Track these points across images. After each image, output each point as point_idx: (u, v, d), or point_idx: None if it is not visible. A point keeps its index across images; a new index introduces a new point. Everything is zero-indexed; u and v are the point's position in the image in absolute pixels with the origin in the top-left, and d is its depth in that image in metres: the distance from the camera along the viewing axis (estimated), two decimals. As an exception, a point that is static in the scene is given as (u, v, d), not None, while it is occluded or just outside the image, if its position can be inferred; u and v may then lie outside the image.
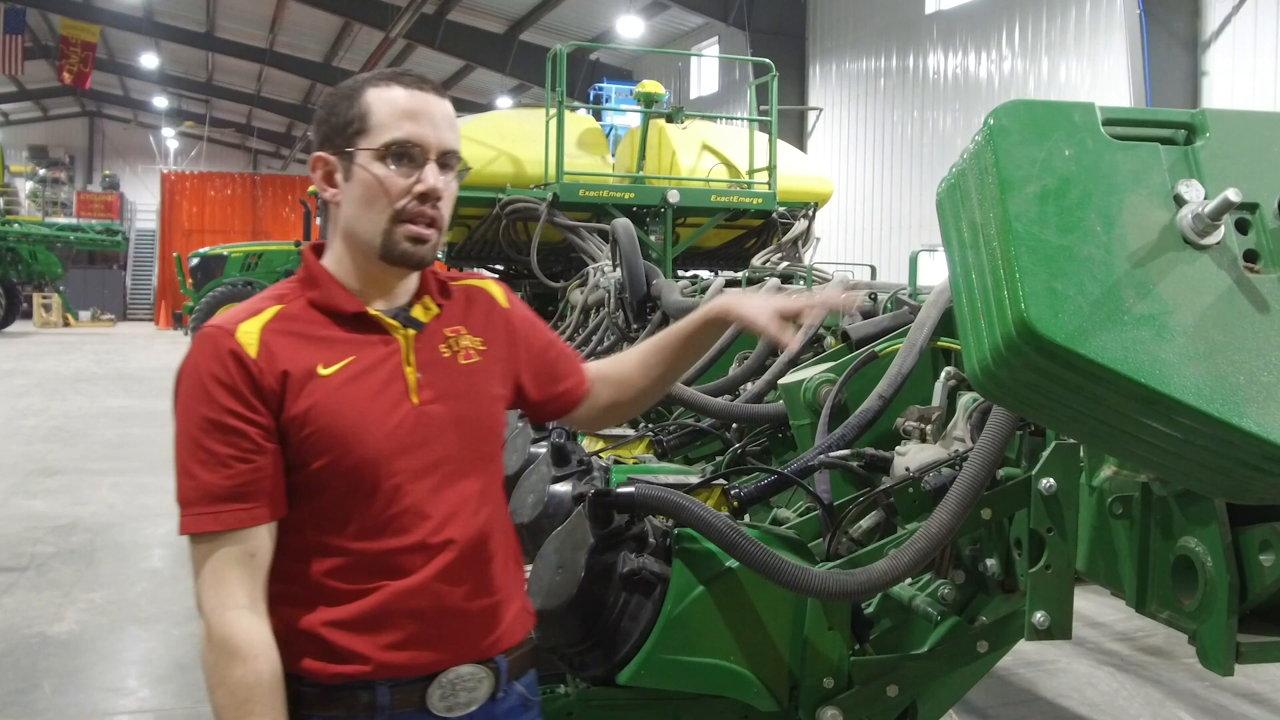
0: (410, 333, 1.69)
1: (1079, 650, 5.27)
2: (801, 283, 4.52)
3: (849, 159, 18.57)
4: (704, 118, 10.02)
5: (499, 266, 9.36)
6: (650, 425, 4.02)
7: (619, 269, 5.55)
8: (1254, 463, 1.27)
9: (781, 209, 8.30)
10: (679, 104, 9.27)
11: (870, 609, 2.22)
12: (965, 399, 2.36)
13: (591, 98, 18.18)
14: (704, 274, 8.08)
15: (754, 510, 2.70)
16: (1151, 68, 11.55)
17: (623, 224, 5.73)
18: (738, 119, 11.48)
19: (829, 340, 3.51)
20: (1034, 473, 1.86)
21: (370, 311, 1.67)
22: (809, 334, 3.31)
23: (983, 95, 15.31)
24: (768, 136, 8.36)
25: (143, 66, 34.06)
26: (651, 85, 8.51)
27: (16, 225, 29.32)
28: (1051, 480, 1.84)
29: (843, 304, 2.05)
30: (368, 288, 1.69)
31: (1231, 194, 1.27)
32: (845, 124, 18.85)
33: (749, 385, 3.61)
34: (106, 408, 13.35)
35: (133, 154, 43.15)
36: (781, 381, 3.00)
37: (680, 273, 8.08)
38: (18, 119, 42.43)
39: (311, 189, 17.21)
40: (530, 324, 1.90)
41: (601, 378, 1.99)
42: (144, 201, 39.81)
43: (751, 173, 8.41)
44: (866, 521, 2.29)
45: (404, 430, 1.63)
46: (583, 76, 22.26)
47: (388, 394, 1.64)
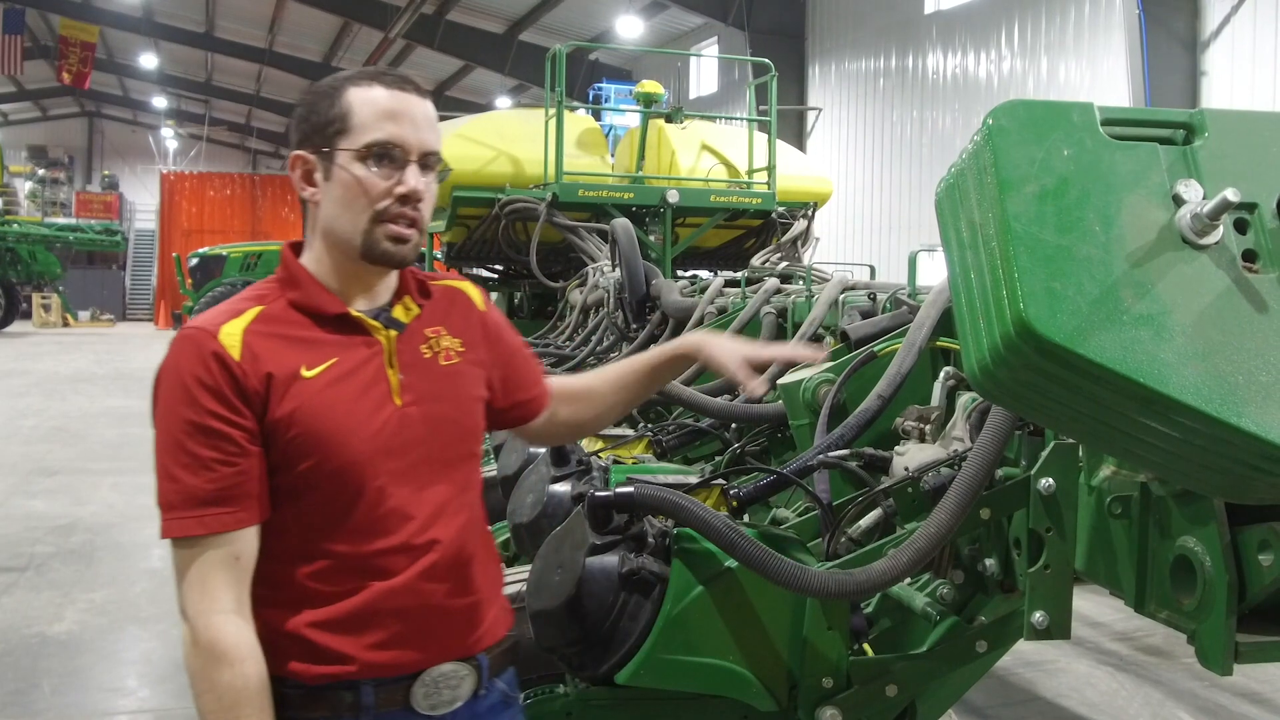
0: (392, 334, 1.69)
1: (1078, 650, 5.27)
2: (801, 282, 4.52)
3: (848, 159, 18.57)
4: (703, 118, 10.03)
5: (499, 266, 9.37)
6: (649, 425, 4.02)
7: (618, 269, 5.55)
8: (1252, 462, 1.27)
9: (781, 209, 8.30)
10: (678, 104, 9.27)
11: (869, 609, 2.22)
12: (964, 399, 2.36)
13: (591, 98, 18.18)
14: (703, 274, 8.09)
15: (753, 510, 2.70)
16: (1151, 68, 11.56)
17: (622, 224, 5.72)
18: (737, 119, 11.48)
19: (828, 340, 3.51)
20: (1033, 473, 1.87)
21: (352, 313, 1.66)
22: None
23: (982, 95, 15.31)
24: (767, 136, 8.36)
25: (142, 66, 34.07)
26: (651, 85, 8.51)
27: (16, 225, 29.29)
28: (1050, 480, 1.84)
29: (808, 358, 2.17)
30: (348, 287, 1.68)
31: (1230, 194, 1.27)
32: (844, 124, 18.86)
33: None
34: (106, 408, 13.35)
35: (132, 154, 43.16)
36: (780, 381, 3.00)
37: (680, 273, 8.08)
38: (17, 119, 42.43)
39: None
40: (503, 329, 1.90)
41: (562, 394, 2.01)
42: (143, 202, 39.79)
43: (751, 173, 8.41)
44: (865, 521, 2.29)
45: (388, 432, 1.63)
46: (582, 76, 22.25)
47: (371, 396, 1.63)
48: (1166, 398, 1.24)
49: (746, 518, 2.58)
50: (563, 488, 2.71)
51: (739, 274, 5.44)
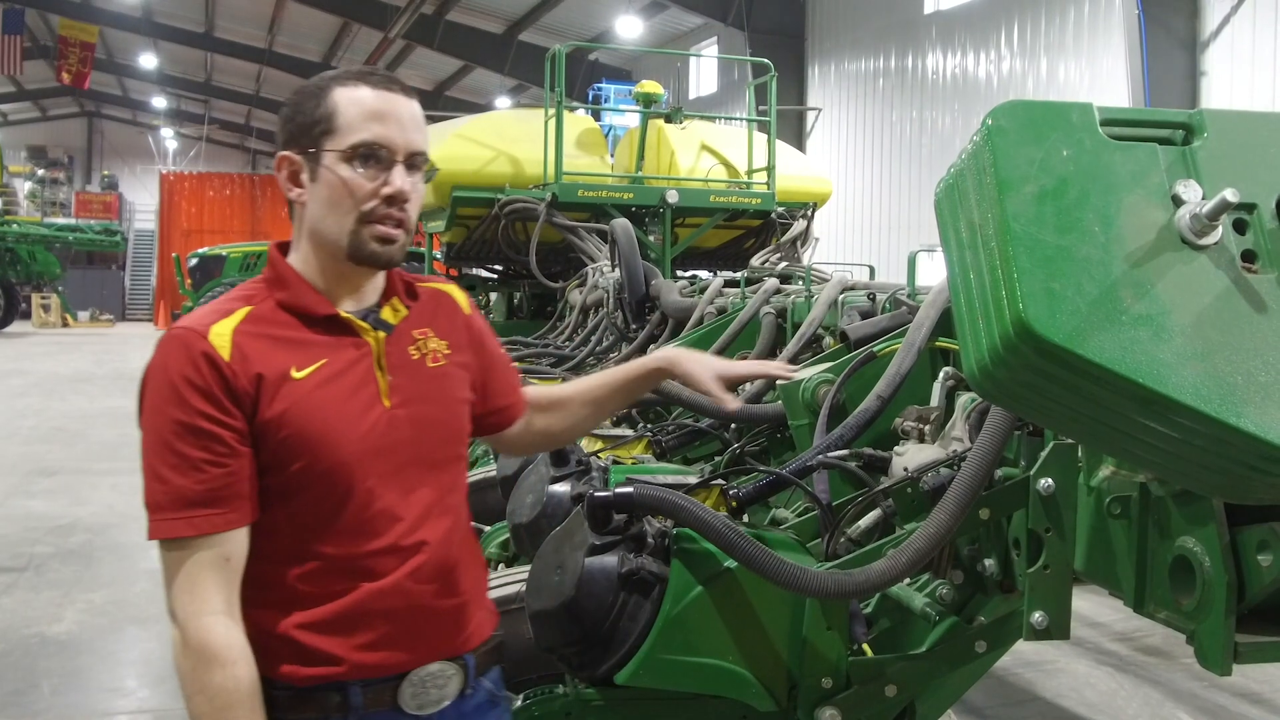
0: (381, 335, 1.69)
1: (1077, 650, 5.27)
2: (800, 283, 4.51)
3: (848, 159, 18.57)
4: (703, 118, 10.02)
5: (498, 267, 9.36)
6: (649, 425, 4.02)
7: (618, 269, 5.55)
8: (1252, 462, 1.27)
9: (780, 209, 8.30)
10: (678, 104, 9.26)
11: (869, 609, 2.22)
12: (963, 399, 2.36)
13: (590, 98, 18.18)
14: (703, 274, 8.09)
15: (753, 510, 2.70)
16: (1150, 68, 11.56)
17: (621, 224, 5.73)
18: (736, 119, 11.48)
19: (827, 340, 3.51)
20: (1032, 473, 1.87)
21: (342, 314, 1.66)
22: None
23: (981, 95, 15.31)
24: (766, 137, 8.36)
25: (141, 67, 34.06)
26: (650, 85, 8.50)
27: (15, 225, 29.28)
28: (1050, 480, 1.84)
29: (779, 373, 2.23)
30: (335, 287, 1.68)
31: (1229, 194, 1.27)
32: (844, 124, 18.86)
33: (748, 385, 3.61)
34: (105, 408, 13.34)
35: (131, 154, 43.16)
36: (780, 382, 3.00)
37: (679, 273, 8.08)
38: (16, 119, 42.42)
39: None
40: (486, 334, 1.90)
41: (538, 403, 2.02)
42: (143, 202, 39.79)
43: (750, 173, 8.41)
44: (865, 522, 2.29)
45: (377, 433, 1.63)
46: (582, 77, 22.25)
47: (360, 397, 1.63)
48: (1165, 398, 1.24)
49: (746, 518, 2.58)
50: (562, 488, 2.71)
51: (738, 274, 5.45)
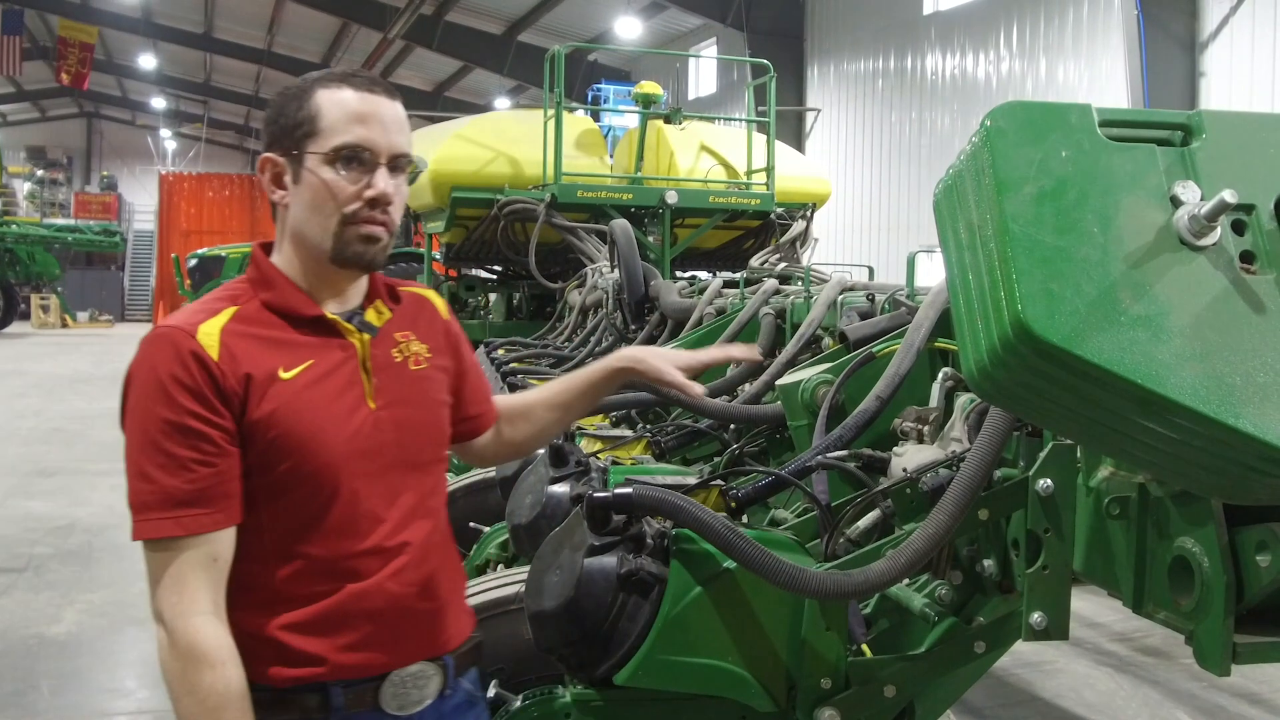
0: (366, 337, 1.69)
1: (1077, 651, 5.27)
2: (799, 283, 4.52)
3: (847, 160, 18.57)
4: (702, 118, 10.03)
5: (497, 267, 9.36)
6: (648, 426, 4.02)
7: (617, 270, 5.55)
8: (1250, 463, 1.27)
9: (779, 210, 8.30)
10: (677, 105, 9.27)
11: (868, 610, 2.22)
12: (962, 400, 2.36)
13: (590, 98, 18.19)
14: (702, 275, 8.09)
15: (752, 511, 2.70)
16: (1149, 69, 11.56)
17: (621, 225, 5.73)
18: (736, 120, 11.48)
19: (826, 341, 3.51)
20: (1031, 473, 1.87)
21: (328, 315, 1.67)
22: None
23: (980, 96, 15.32)
24: (766, 137, 8.36)
25: (141, 67, 34.06)
26: (650, 86, 8.50)
27: (14, 226, 29.28)
28: (1049, 481, 1.84)
29: (740, 356, 2.26)
30: (318, 289, 1.68)
31: (1228, 195, 1.27)
32: (843, 125, 18.86)
33: (747, 386, 3.61)
34: (104, 409, 13.33)
35: (131, 155, 43.16)
36: (779, 382, 3.00)
37: (679, 274, 8.08)
38: (15, 120, 42.42)
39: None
40: (461, 341, 1.91)
41: (506, 413, 2.02)
42: (142, 202, 39.80)
43: (749, 173, 8.41)
44: (864, 522, 2.29)
45: (363, 435, 1.64)
46: (581, 77, 22.26)
47: (346, 398, 1.64)
48: (1164, 399, 1.24)
49: (745, 519, 2.58)
50: (561, 489, 2.71)
51: (738, 275, 5.45)
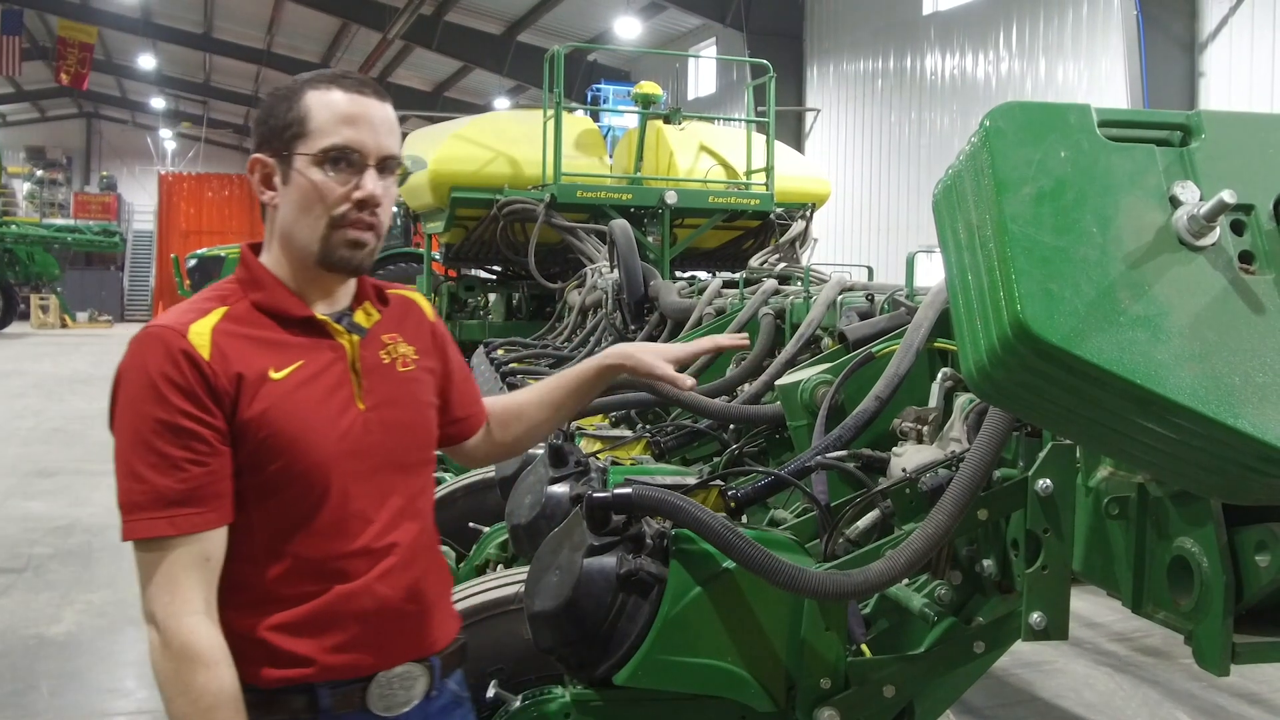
0: (355, 338, 1.70)
1: (1076, 651, 5.27)
2: (799, 283, 4.52)
3: (846, 160, 18.58)
4: (701, 119, 10.03)
5: (497, 267, 9.37)
6: (648, 426, 4.02)
7: (616, 270, 5.55)
8: (1249, 463, 1.27)
9: (779, 210, 8.31)
10: (676, 105, 9.28)
11: (867, 610, 2.22)
12: (962, 400, 2.36)
13: (589, 99, 18.20)
14: (702, 275, 8.09)
15: (751, 511, 2.70)
16: (1148, 69, 11.57)
17: (620, 225, 5.73)
18: (735, 120, 11.49)
19: (826, 341, 3.51)
20: (1030, 473, 1.87)
21: (318, 316, 1.67)
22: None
23: (980, 96, 15.32)
24: (765, 137, 8.36)
25: (140, 68, 34.06)
26: (649, 86, 8.51)
27: (14, 226, 29.28)
28: (1048, 481, 1.84)
29: (729, 345, 2.27)
30: (307, 290, 1.69)
31: (1227, 195, 1.27)
32: (842, 125, 18.87)
33: (746, 386, 3.61)
34: (104, 409, 13.18)
35: (130, 155, 43.16)
36: (779, 383, 3.00)
37: (678, 274, 8.08)
38: (15, 120, 42.42)
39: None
40: (448, 343, 1.91)
41: (496, 414, 2.03)
42: (141, 203, 39.80)
43: (749, 174, 8.42)
44: (863, 522, 2.29)
45: (352, 435, 1.64)
46: (580, 77, 22.26)
47: (336, 399, 1.64)
48: (1163, 399, 1.24)
49: (745, 519, 2.58)
50: (561, 489, 2.71)
51: (737, 275, 5.45)
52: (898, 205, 17.27)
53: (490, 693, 2.15)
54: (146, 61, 33.25)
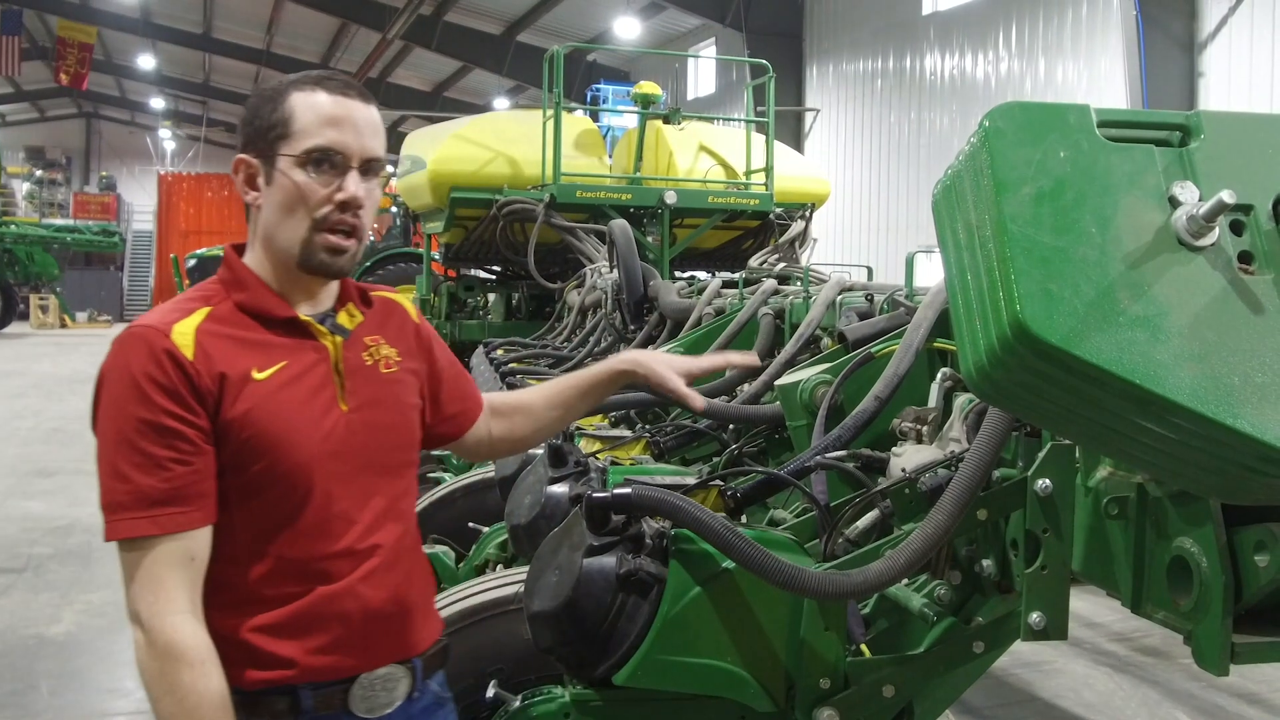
0: (338, 339, 1.70)
1: (1076, 651, 5.27)
2: (798, 283, 4.52)
3: (846, 160, 18.58)
4: (701, 119, 10.04)
5: (496, 267, 9.37)
6: (647, 426, 4.02)
7: (616, 270, 5.55)
8: (1249, 463, 1.27)
9: (779, 210, 8.31)
10: (676, 105, 9.28)
11: (867, 610, 2.22)
12: (961, 400, 2.36)
13: (589, 99, 18.20)
14: (701, 275, 8.09)
15: (751, 511, 2.70)
16: (1148, 69, 11.57)
17: (620, 225, 5.72)
18: (735, 120, 11.49)
19: (825, 341, 3.51)
20: (1030, 473, 1.87)
21: (301, 317, 1.67)
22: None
23: (979, 96, 15.32)
24: (765, 137, 8.36)
25: (140, 67, 34.07)
26: (649, 86, 8.51)
27: (13, 226, 29.28)
28: (1047, 481, 1.84)
29: (739, 363, 2.24)
30: (289, 290, 1.69)
31: (1226, 196, 1.27)
32: (842, 125, 18.87)
33: (746, 386, 3.61)
34: (103, 409, 13.31)
35: (130, 155, 43.18)
36: (778, 383, 3.00)
37: (678, 274, 8.08)
38: (14, 120, 42.44)
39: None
40: (435, 342, 1.92)
41: (498, 408, 2.03)
42: (141, 203, 39.80)
43: (749, 174, 8.42)
44: (863, 522, 2.28)
45: (335, 436, 1.64)
46: (580, 77, 22.26)
47: (319, 400, 1.64)
48: (1162, 399, 1.24)
49: (744, 519, 2.59)
50: (560, 489, 2.70)
51: (737, 275, 5.45)
52: (897, 205, 17.27)
53: (490, 693, 2.15)
54: (146, 61, 33.26)
